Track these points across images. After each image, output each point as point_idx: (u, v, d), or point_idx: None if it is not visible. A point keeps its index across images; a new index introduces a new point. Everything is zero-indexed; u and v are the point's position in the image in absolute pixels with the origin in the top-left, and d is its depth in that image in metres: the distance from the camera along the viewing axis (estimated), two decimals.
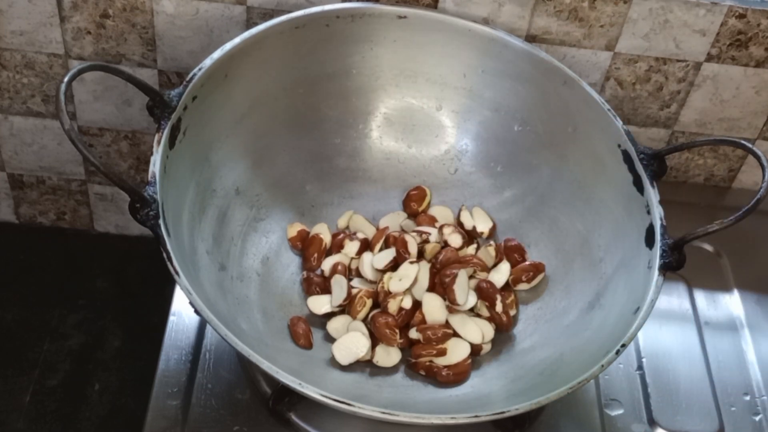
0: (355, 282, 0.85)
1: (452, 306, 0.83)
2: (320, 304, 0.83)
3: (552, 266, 0.88)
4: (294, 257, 0.88)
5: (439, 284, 0.84)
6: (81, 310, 1.18)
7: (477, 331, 0.82)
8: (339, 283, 0.83)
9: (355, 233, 0.88)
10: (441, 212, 0.92)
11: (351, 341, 0.80)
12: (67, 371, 1.13)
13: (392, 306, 0.82)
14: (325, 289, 0.84)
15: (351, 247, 0.87)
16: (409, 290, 0.83)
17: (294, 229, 0.88)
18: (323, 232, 0.88)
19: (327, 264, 0.86)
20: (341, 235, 0.88)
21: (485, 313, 0.84)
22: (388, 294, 0.82)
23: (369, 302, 0.83)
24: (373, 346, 0.81)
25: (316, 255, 0.86)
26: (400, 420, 0.65)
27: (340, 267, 0.85)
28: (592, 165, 0.87)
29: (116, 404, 1.11)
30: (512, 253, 0.88)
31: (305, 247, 0.87)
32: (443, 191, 0.94)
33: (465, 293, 0.83)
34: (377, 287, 0.84)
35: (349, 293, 0.83)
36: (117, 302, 1.19)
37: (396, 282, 0.83)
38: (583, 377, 0.69)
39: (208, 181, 0.83)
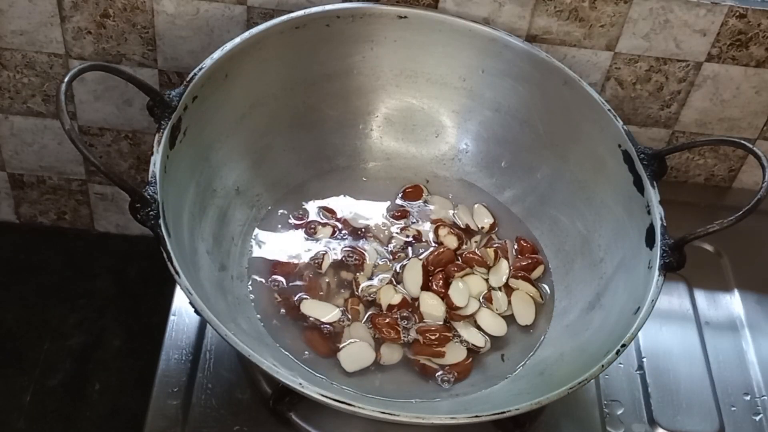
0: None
1: (453, 312, 0.83)
2: (318, 313, 0.83)
3: (552, 266, 0.88)
4: None
5: (434, 284, 0.84)
6: (81, 310, 1.18)
7: (479, 335, 0.82)
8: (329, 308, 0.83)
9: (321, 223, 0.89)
10: (440, 202, 0.92)
11: (357, 351, 0.80)
12: (68, 371, 1.13)
13: (383, 303, 0.82)
14: (317, 288, 0.84)
15: (324, 232, 0.88)
16: (391, 284, 0.84)
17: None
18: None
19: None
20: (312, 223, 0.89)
21: (521, 285, 0.85)
22: (374, 296, 0.83)
23: (361, 306, 0.83)
24: (377, 345, 0.81)
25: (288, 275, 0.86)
26: (400, 420, 0.65)
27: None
28: (593, 165, 0.87)
29: (116, 404, 1.11)
30: (525, 253, 0.89)
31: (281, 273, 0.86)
32: (443, 191, 0.94)
33: (463, 296, 0.83)
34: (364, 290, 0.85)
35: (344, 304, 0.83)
36: (117, 302, 1.19)
37: (375, 281, 0.84)
38: (583, 377, 0.69)
39: (209, 181, 0.83)
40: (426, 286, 0.84)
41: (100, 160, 0.66)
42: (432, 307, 0.83)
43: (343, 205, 0.91)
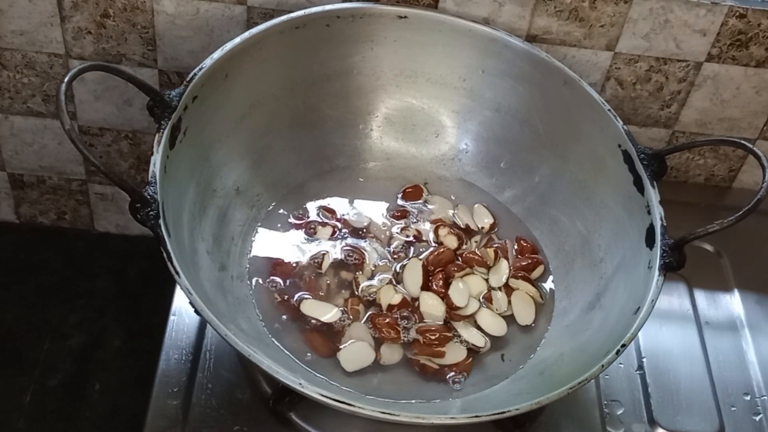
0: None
1: (453, 312, 0.83)
2: (318, 313, 0.83)
3: (552, 266, 0.88)
4: None
5: (434, 284, 0.84)
6: (81, 310, 1.18)
7: (479, 335, 0.82)
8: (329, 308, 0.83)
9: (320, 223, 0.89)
10: (440, 202, 0.92)
11: (357, 351, 0.80)
12: (68, 371, 1.13)
13: (383, 303, 0.82)
14: (317, 288, 0.84)
15: (324, 232, 0.88)
16: (391, 284, 0.84)
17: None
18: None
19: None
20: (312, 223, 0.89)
21: (521, 285, 0.85)
22: (374, 296, 0.83)
23: (361, 306, 0.83)
24: (378, 345, 0.81)
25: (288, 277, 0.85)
26: (400, 420, 0.65)
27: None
28: (593, 165, 0.87)
29: (116, 404, 1.11)
30: (525, 253, 0.89)
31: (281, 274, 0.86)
32: (443, 191, 0.94)
33: (463, 296, 0.83)
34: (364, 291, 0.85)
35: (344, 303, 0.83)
36: (117, 302, 1.19)
37: (375, 281, 0.84)
38: (583, 377, 0.69)
39: (209, 181, 0.83)
40: (426, 286, 0.84)
41: (100, 160, 0.66)
42: (432, 307, 0.83)
43: (343, 205, 0.91)
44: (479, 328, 0.83)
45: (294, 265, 0.85)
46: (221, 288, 0.79)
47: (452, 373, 0.80)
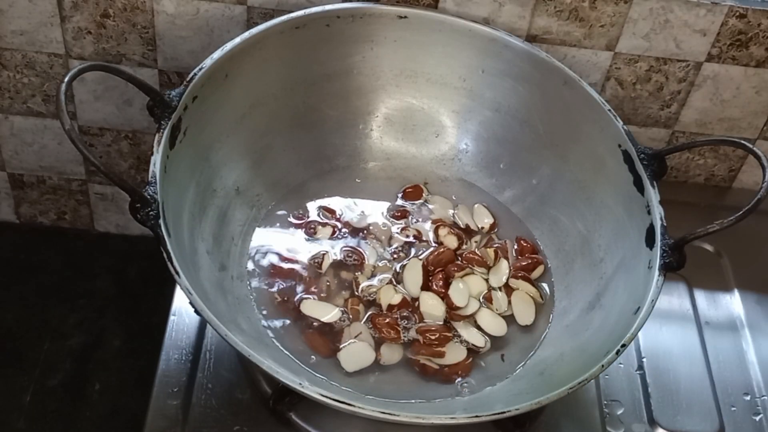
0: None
1: (453, 312, 0.83)
2: (318, 313, 0.83)
3: (552, 266, 0.88)
4: None
5: (434, 284, 0.84)
6: (81, 310, 1.18)
7: (479, 335, 0.82)
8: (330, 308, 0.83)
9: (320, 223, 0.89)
10: (440, 202, 0.92)
11: (357, 351, 0.80)
12: (68, 371, 1.13)
13: (383, 303, 0.82)
14: (317, 288, 0.84)
15: (324, 232, 0.88)
16: (391, 284, 0.84)
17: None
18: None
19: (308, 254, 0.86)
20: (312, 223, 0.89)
21: (521, 285, 0.85)
22: (374, 296, 0.83)
23: (361, 306, 0.83)
24: (378, 345, 0.81)
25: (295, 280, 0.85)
26: (400, 420, 0.65)
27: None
28: (593, 165, 0.87)
29: (116, 404, 1.11)
30: (525, 253, 0.89)
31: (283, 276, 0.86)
32: (443, 191, 0.94)
33: (463, 296, 0.83)
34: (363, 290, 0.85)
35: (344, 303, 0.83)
36: (117, 302, 1.19)
37: (375, 281, 0.84)
38: (583, 377, 0.69)
39: (209, 181, 0.83)
40: (426, 286, 0.84)
41: (100, 160, 0.66)
42: (432, 307, 0.83)
43: (343, 205, 0.91)
44: (479, 328, 0.83)
45: (294, 265, 0.85)
46: (221, 288, 0.79)
47: (459, 378, 0.80)
